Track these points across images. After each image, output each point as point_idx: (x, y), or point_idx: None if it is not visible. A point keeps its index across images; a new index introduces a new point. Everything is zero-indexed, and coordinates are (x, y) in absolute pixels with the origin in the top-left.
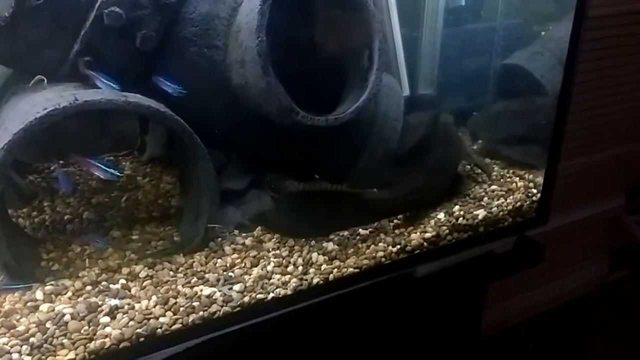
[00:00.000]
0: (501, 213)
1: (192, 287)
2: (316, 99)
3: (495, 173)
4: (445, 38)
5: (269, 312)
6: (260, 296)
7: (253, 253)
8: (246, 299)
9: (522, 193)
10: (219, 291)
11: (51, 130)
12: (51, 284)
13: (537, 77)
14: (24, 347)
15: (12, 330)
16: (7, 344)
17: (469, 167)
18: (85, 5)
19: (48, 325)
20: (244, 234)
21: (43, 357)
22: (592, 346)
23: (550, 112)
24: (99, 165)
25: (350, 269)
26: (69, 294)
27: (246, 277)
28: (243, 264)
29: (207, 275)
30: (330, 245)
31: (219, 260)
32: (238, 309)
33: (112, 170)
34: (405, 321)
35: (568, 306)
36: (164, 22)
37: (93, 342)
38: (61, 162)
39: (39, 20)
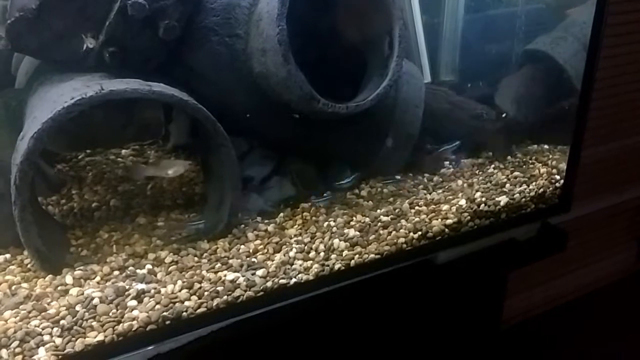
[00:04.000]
0: (523, 200)
1: (216, 272)
2: (337, 87)
3: (517, 160)
4: (466, 24)
5: (291, 297)
6: (282, 281)
7: (275, 239)
8: (269, 284)
9: (545, 179)
10: (243, 276)
11: (78, 120)
12: (80, 269)
13: (560, 62)
14: (55, 329)
15: (43, 313)
16: (39, 326)
17: None
18: None
19: (78, 308)
20: (266, 221)
21: (73, 338)
22: (619, 336)
23: None
24: None
25: (372, 255)
26: (98, 278)
27: (269, 262)
28: (266, 250)
29: (230, 261)
30: (351, 232)
31: (242, 246)
32: (261, 293)
33: None
34: (425, 308)
35: (594, 295)
36: (187, 12)
37: (121, 324)
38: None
39: (64, 11)
